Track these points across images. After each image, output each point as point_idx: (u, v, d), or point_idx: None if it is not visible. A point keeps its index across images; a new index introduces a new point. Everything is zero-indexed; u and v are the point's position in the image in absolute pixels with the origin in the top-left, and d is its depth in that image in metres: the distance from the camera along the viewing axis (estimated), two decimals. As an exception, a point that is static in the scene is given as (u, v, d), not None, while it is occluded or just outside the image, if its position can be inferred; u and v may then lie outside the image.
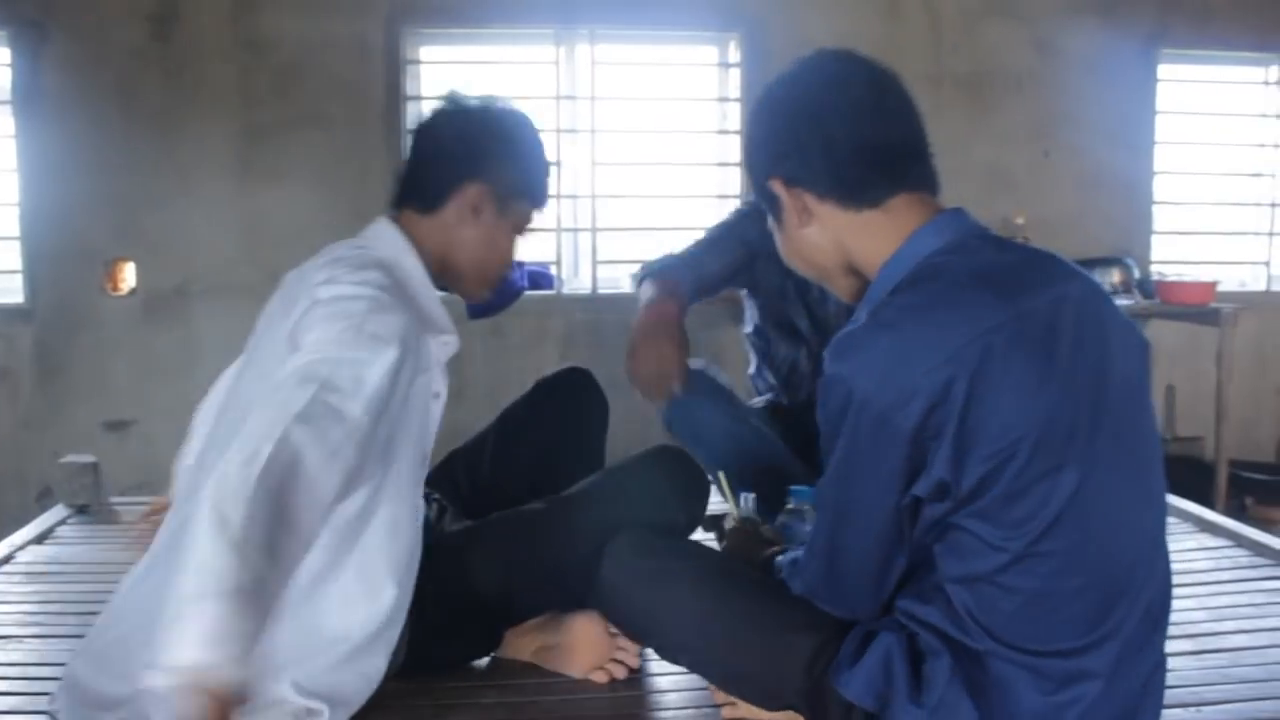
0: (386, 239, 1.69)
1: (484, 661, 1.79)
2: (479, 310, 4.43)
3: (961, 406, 1.16)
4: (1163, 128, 4.73)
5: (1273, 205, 4.91)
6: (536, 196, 1.79)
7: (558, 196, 4.38)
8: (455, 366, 1.70)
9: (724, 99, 4.53)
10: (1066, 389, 1.20)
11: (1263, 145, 4.90)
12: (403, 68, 4.26)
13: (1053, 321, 1.22)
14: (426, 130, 1.77)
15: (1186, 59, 4.76)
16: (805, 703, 1.41)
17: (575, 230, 4.46)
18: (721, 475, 2.04)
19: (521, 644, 1.78)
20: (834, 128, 1.31)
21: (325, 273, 1.51)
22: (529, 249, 4.28)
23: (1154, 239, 4.78)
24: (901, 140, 1.34)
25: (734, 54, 4.49)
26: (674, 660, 1.62)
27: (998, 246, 1.31)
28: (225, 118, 4.15)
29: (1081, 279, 1.31)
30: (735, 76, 4.48)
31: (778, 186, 1.36)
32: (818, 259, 1.39)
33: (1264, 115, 4.90)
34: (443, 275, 1.75)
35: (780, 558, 1.61)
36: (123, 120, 4.11)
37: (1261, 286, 4.92)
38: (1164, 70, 4.71)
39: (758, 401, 2.69)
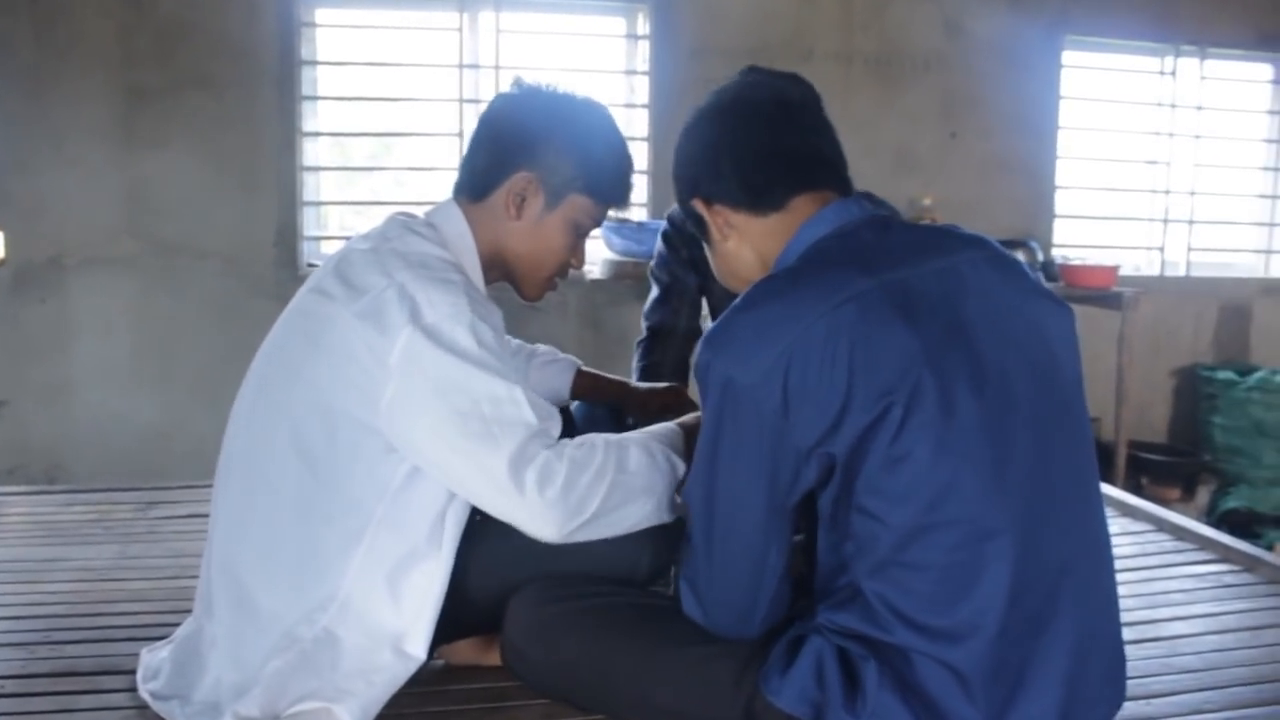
0: (455, 228, 1.62)
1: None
2: None
3: (817, 371, 1.18)
4: (1065, 113, 4.80)
5: (1167, 192, 5.02)
6: (599, 191, 1.66)
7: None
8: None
9: (631, 72, 4.43)
10: (938, 352, 1.20)
11: (1158, 134, 5.01)
12: (297, 30, 4.05)
13: (921, 290, 1.24)
14: (485, 116, 1.69)
15: (1089, 46, 4.84)
16: None
17: (478, 205, 4.30)
18: None
19: (466, 648, 1.68)
20: (739, 139, 1.40)
21: (413, 279, 1.45)
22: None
23: (1056, 223, 4.84)
24: (807, 147, 1.40)
25: (642, 26, 4.40)
26: (605, 713, 1.51)
27: (885, 229, 1.34)
28: (103, 78, 3.88)
29: (976, 249, 1.33)
30: (644, 49, 4.38)
31: (700, 206, 1.44)
32: (742, 271, 1.43)
33: (1160, 104, 5.00)
34: (493, 270, 1.67)
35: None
36: (-12, 78, 3.82)
37: (1155, 271, 5.04)
38: (1067, 56, 4.77)
39: None
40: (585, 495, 1.45)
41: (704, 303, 2.56)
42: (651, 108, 4.32)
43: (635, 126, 4.39)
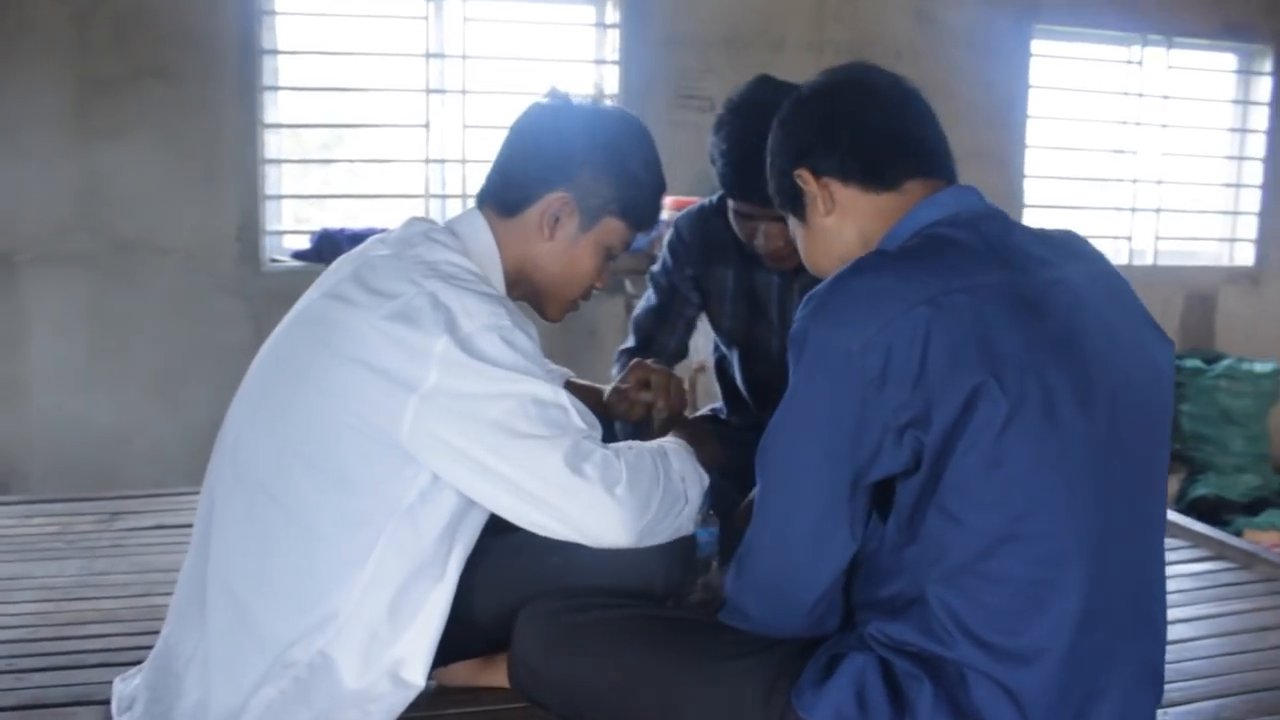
0: (481, 240, 1.57)
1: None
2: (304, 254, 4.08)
3: (922, 351, 1.15)
4: (1034, 102, 4.79)
5: (1134, 181, 5.03)
6: (632, 216, 1.61)
7: (426, 161, 4.16)
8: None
9: (601, 61, 4.35)
10: (1047, 362, 1.16)
11: (1125, 123, 5.01)
12: (258, 18, 3.93)
13: (1036, 298, 1.20)
14: (519, 127, 1.62)
15: (1058, 35, 4.83)
16: None
17: (444, 197, 4.23)
18: None
19: (461, 670, 1.60)
20: (862, 117, 1.37)
21: (446, 289, 1.40)
22: (380, 214, 4.10)
23: (1025, 212, 4.83)
24: (924, 134, 1.38)
25: (612, 15, 4.32)
26: None
27: (1008, 228, 1.30)
28: (57, 67, 3.74)
29: (1094, 264, 1.31)
30: (613, 38, 4.31)
31: (805, 176, 1.38)
32: (839, 249, 1.38)
33: (1127, 94, 5.00)
34: (516, 287, 1.61)
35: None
36: (-66, 67, 3.67)
37: (1124, 260, 5.05)
38: (1037, 45, 4.77)
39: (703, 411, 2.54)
40: (648, 494, 1.42)
41: (701, 323, 2.38)
42: (621, 98, 4.24)
43: (605, 117, 4.31)
